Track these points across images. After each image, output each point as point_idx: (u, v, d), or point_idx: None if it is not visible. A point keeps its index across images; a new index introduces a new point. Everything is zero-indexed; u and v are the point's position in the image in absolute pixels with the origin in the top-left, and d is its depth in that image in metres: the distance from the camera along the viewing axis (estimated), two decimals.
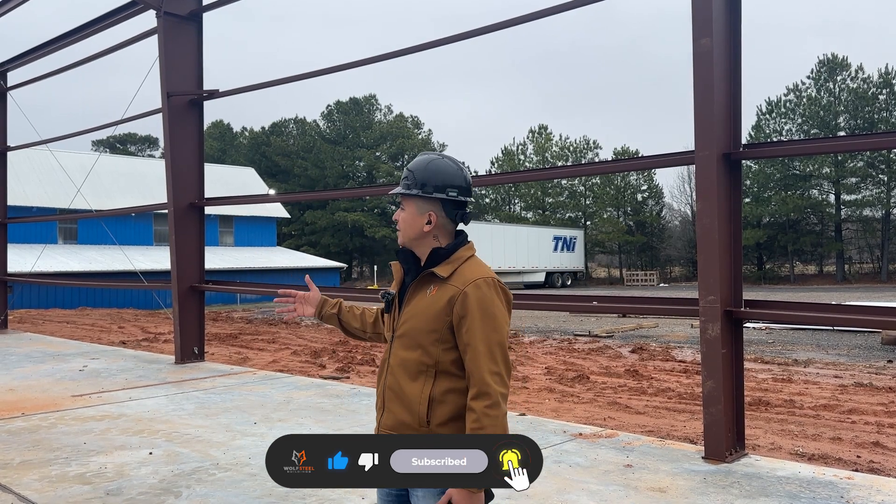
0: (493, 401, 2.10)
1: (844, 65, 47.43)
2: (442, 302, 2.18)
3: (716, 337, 5.04)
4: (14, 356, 10.66)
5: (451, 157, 2.35)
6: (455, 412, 2.20)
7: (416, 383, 2.21)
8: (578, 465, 4.86)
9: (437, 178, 2.27)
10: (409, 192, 2.29)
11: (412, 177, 2.29)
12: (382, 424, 2.31)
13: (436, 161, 2.31)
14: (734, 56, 5.28)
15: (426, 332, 2.20)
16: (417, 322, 2.23)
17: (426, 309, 2.21)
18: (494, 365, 2.13)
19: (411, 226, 2.29)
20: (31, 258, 23.54)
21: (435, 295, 2.21)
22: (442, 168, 2.29)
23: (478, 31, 7.22)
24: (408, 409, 2.22)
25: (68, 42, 11.98)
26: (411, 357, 2.23)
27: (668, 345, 14.58)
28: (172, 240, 9.94)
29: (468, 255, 2.28)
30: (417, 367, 2.22)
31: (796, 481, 4.48)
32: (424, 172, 2.28)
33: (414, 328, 2.23)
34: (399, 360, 2.26)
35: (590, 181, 57.18)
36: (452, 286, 2.19)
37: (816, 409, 8.20)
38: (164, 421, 6.30)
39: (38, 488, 4.49)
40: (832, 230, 49.38)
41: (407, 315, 2.26)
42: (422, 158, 2.33)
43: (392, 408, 2.26)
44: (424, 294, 2.24)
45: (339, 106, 63.21)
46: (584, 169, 16.32)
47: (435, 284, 2.23)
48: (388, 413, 2.28)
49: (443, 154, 2.35)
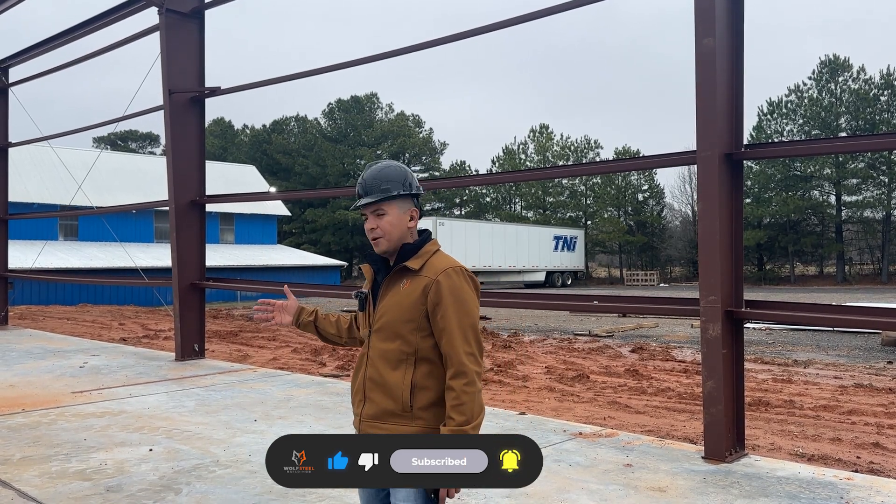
0: (469, 379, 2.27)
1: (846, 66, 47.42)
2: (417, 293, 2.33)
3: (716, 337, 5.04)
4: (14, 352, 10.66)
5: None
6: (436, 397, 2.34)
7: (397, 371, 2.34)
8: (578, 464, 4.86)
9: (409, 177, 2.48)
10: (396, 193, 2.42)
11: (391, 182, 2.42)
12: (364, 415, 2.40)
13: (397, 163, 2.50)
14: (737, 56, 5.27)
15: (404, 322, 2.34)
16: (394, 314, 2.36)
17: (402, 301, 2.35)
18: (468, 346, 2.31)
19: (398, 227, 2.42)
20: (32, 254, 23.55)
21: (409, 287, 2.36)
22: (405, 168, 2.50)
23: (479, 29, 7.21)
24: (390, 397, 2.34)
25: (70, 38, 11.98)
26: (391, 347, 2.35)
27: (668, 345, 14.58)
28: (173, 237, 9.94)
29: (435, 248, 2.46)
30: (398, 356, 2.35)
31: (796, 482, 4.48)
32: (400, 173, 2.46)
33: (392, 320, 2.36)
34: (379, 352, 2.38)
35: (590, 181, 57.19)
36: (425, 277, 2.35)
37: (816, 409, 8.20)
38: (165, 418, 6.30)
39: (39, 484, 4.49)
40: (833, 231, 49.38)
41: (383, 309, 2.39)
42: (386, 164, 2.48)
43: (373, 397, 2.37)
44: (398, 288, 2.38)
45: (341, 104, 63.22)
46: (585, 168, 16.30)
47: (408, 278, 2.37)
48: (369, 403, 2.39)
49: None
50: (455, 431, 2.21)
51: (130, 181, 36.17)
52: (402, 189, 2.43)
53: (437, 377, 2.35)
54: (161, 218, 35.88)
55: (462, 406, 2.24)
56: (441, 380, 2.34)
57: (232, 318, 22.61)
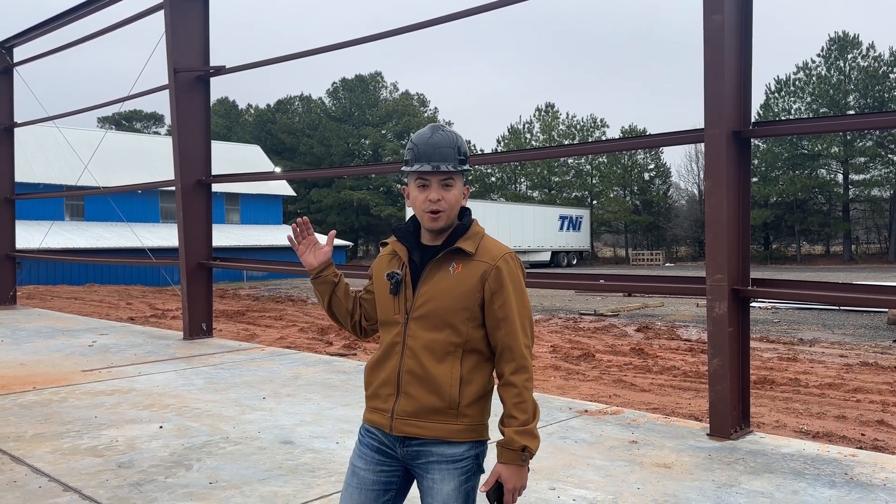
0: (529, 374, 2.15)
1: (855, 43, 46.94)
2: (473, 279, 2.13)
3: (722, 315, 5.06)
4: (24, 331, 10.75)
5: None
6: (481, 392, 2.18)
7: (443, 364, 2.13)
8: (584, 441, 4.90)
9: (466, 149, 2.24)
10: (463, 167, 2.19)
11: (457, 150, 2.18)
12: (398, 412, 2.16)
13: (456, 132, 2.24)
14: (745, 33, 5.23)
15: (456, 311, 2.13)
16: (444, 301, 2.13)
17: (454, 287, 2.14)
18: (527, 339, 2.17)
19: (458, 202, 2.20)
20: (39, 235, 23.65)
21: (461, 272, 2.15)
22: (463, 139, 2.24)
23: (485, 6, 7.15)
24: (435, 392, 2.13)
25: (75, 17, 11.94)
26: (438, 338, 2.13)
27: (673, 324, 14.61)
28: (180, 217, 9.97)
29: (482, 231, 2.26)
30: (445, 347, 2.14)
31: (801, 458, 4.52)
32: (462, 144, 2.21)
33: (440, 307, 2.13)
34: (422, 342, 2.14)
35: (596, 160, 56.97)
36: (482, 262, 2.15)
37: (821, 387, 8.23)
38: (174, 396, 6.37)
39: (51, 460, 4.56)
40: (840, 210, 49.18)
41: (427, 295, 2.15)
42: (447, 131, 2.21)
43: (412, 392, 2.14)
44: (447, 272, 2.16)
45: (345, 83, 62.93)
46: (591, 147, 16.23)
47: (459, 261, 2.16)
48: (405, 398, 2.15)
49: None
50: (519, 431, 2.08)
51: (135, 161, 36.20)
52: (467, 163, 2.23)
53: (482, 370, 2.19)
54: (167, 198, 35.94)
55: (524, 404, 2.10)
56: (486, 373, 2.20)
57: (238, 298, 22.72)
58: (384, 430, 2.18)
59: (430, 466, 2.14)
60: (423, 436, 2.13)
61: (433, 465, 2.14)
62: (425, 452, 2.15)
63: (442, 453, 2.14)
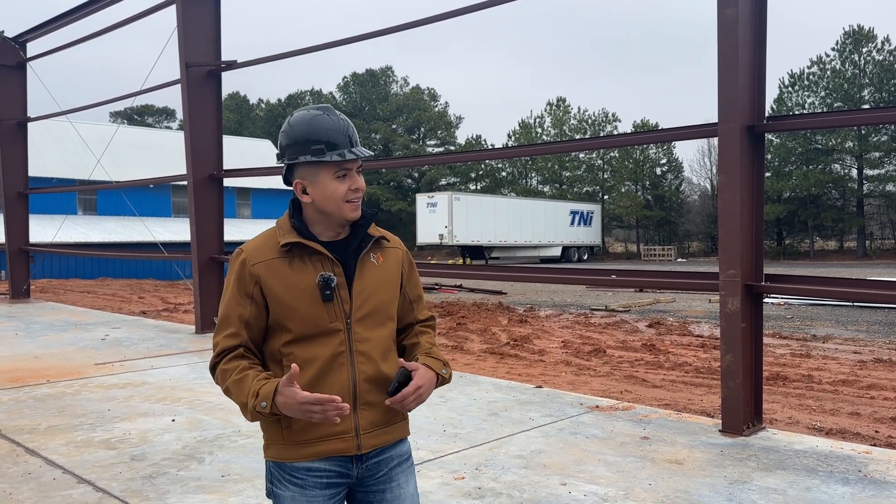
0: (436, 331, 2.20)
1: (870, 36, 46.49)
2: (396, 265, 2.08)
3: (735, 311, 5.03)
4: (38, 325, 10.84)
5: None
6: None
7: (389, 361, 2.01)
8: (595, 436, 4.89)
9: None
10: (371, 153, 2.04)
11: (357, 137, 2.01)
12: (364, 426, 1.95)
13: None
14: (759, 27, 5.19)
15: (393, 301, 2.05)
16: (383, 293, 2.02)
17: (385, 278, 2.03)
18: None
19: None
20: (52, 229, 23.81)
21: (384, 262, 2.05)
22: None
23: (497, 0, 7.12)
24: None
25: (88, 12, 12.00)
26: (383, 335, 2.01)
27: (685, 320, 14.54)
28: (192, 211, 10.01)
29: None
30: (389, 342, 2.03)
31: (814, 455, 4.49)
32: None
33: (382, 301, 2.01)
34: (374, 344, 1.97)
35: (608, 155, 56.78)
36: (393, 248, 2.10)
37: (835, 384, 8.17)
38: (186, 389, 6.40)
39: (65, 453, 4.59)
40: (854, 205, 48.79)
41: (367, 292, 1.98)
42: (337, 117, 1.97)
43: (374, 400, 1.96)
44: (373, 264, 2.02)
45: (356, 78, 63.00)
46: (603, 142, 16.11)
47: (378, 251, 2.05)
48: (369, 410, 1.96)
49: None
50: (441, 356, 2.05)
51: (147, 156, 36.37)
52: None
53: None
54: (178, 192, 36.10)
55: (435, 348, 2.09)
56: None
57: None
58: (346, 454, 1.94)
59: (393, 472, 2.02)
60: (389, 441, 2.01)
61: (395, 469, 2.03)
62: (386, 460, 2.02)
63: (400, 453, 2.05)
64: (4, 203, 14.92)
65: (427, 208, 39.39)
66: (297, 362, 1.84)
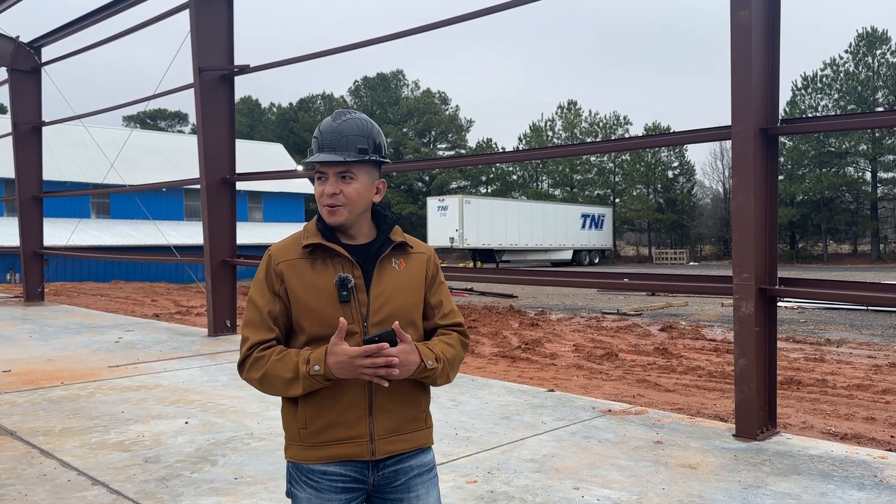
0: (465, 347, 2.10)
1: (884, 38, 46.17)
2: (420, 271, 2.05)
3: (749, 314, 5.00)
4: (52, 327, 10.91)
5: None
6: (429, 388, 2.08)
7: None
8: (608, 440, 4.87)
9: (384, 140, 2.04)
10: (367, 157, 1.96)
11: (370, 142, 1.97)
12: (378, 431, 1.94)
13: (371, 120, 2.03)
14: (772, 29, 5.16)
15: (414, 307, 2.02)
16: (403, 299, 1.99)
17: (407, 283, 2.01)
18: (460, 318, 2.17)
19: (364, 198, 1.98)
20: (66, 232, 23.99)
21: (406, 267, 2.03)
22: (378, 128, 2.03)
23: (510, 3, 7.12)
24: (412, 401, 2.00)
25: (102, 17, 12.10)
26: None
27: (698, 323, 14.47)
28: (205, 214, 10.06)
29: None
30: None
31: (829, 460, 4.45)
32: (379, 132, 2.00)
33: (402, 307, 1.98)
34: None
35: (619, 157, 56.59)
36: (419, 253, 2.08)
37: (849, 388, 8.10)
38: (199, 391, 6.43)
39: (80, 455, 4.62)
40: (867, 208, 48.40)
41: (385, 296, 1.97)
42: (363, 117, 2.00)
43: (391, 407, 1.96)
44: (394, 269, 2.01)
45: (367, 81, 63.18)
46: (615, 145, 16.02)
47: (400, 256, 2.03)
48: (385, 416, 1.95)
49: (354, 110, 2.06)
50: (442, 353, 1.97)
51: (160, 159, 36.61)
52: (378, 153, 1.99)
53: None
54: (190, 196, 36.30)
55: (453, 349, 2.02)
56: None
57: None
58: (360, 458, 1.94)
59: (412, 482, 2.00)
60: (408, 449, 1.99)
61: (415, 479, 2.00)
62: (405, 469, 1.99)
63: (421, 463, 2.02)
64: (19, 207, 15.05)
65: (438, 212, 39.42)
66: None
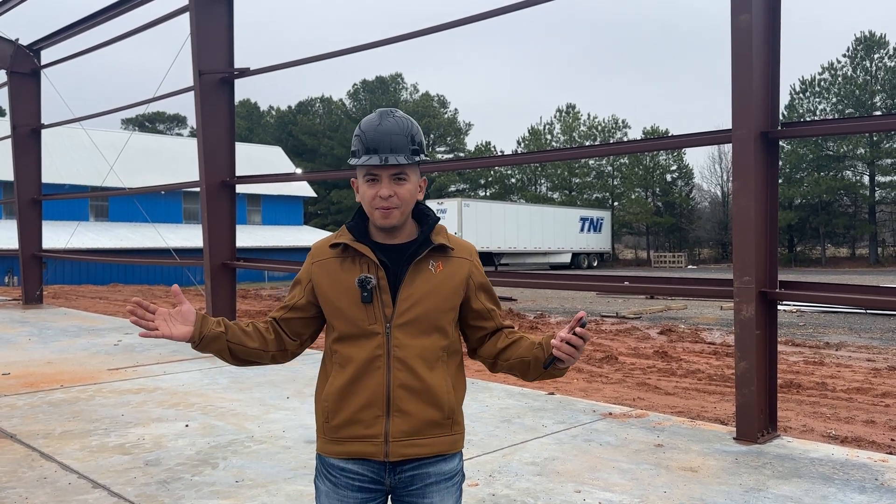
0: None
1: (882, 43, 46.32)
2: (459, 276, 2.01)
3: (750, 318, 5.00)
4: (51, 330, 10.90)
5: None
6: (464, 394, 2.08)
7: (435, 372, 1.97)
8: (609, 444, 4.87)
9: (423, 136, 2.02)
10: (419, 158, 1.96)
11: (411, 139, 1.94)
12: (394, 433, 1.94)
13: (411, 118, 2.02)
14: (773, 33, 5.17)
15: (445, 312, 1.98)
16: (432, 302, 1.96)
17: (440, 286, 1.98)
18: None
19: (414, 197, 1.98)
20: (64, 235, 23.99)
21: (444, 270, 1.99)
22: (418, 125, 2.03)
23: (511, 7, 7.13)
24: (434, 404, 1.96)
25: (102, 20, 12.10)
26: (428, 343, 1.96)
27: (697, 326, 14.48)
28: (204, 217, 10.05)
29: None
30: (435, 353, 1.98)
31: (829, 463, 4.45)
32: (417, 132, 1.98)
33: (430, 310, 1.96)
34: (414, 351, 1.94)
35: (618, 161, 56.68)
36: (460, 257, 2.03)
37: (849, 392, 8.11)
38: (199, 394, 6.42)
39: (80, 458, 4.61)
40: (865, 212, 48.51)
41: (413, 298, 1.95)
42: (399, 117, 1.98)
43: (409, 408, 1.94)
44: (429, 271, 1.98)
45: (366, 85, 63.25)
46: (614, 148, 16.15)
47: (439, 259, 2.00)
48: (400, 417, 1.94)
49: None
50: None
51: (158, 162, 36.59)
52: (423, 152, 1.99)
53: (462, 372, 2.08)
54: (189, 199, 36.30)
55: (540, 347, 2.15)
56: (464, 374, 2.12)
57: (260, 299, 22.88)
58: (374, 458, 1.95)
59: (428, 489, 1.98)
60: (424, 455, 1.96)
61: (431, 486, 1.98)
62: (422, 475, 1.97)
63: (440, 472, 1.99)
64: (18, 209, 15.03)
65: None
66: (339, 361, 1.99)
